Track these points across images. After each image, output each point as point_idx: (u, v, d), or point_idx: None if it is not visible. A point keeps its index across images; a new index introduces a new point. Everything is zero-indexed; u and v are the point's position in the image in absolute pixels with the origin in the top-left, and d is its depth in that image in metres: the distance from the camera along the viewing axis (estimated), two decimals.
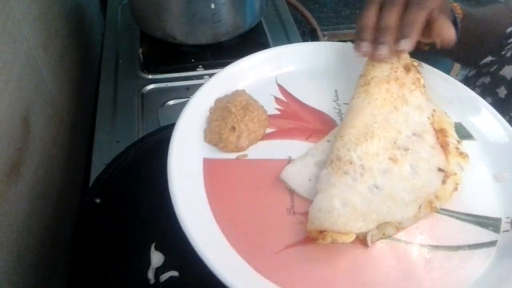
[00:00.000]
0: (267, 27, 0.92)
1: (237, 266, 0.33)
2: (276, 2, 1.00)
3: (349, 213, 0.35)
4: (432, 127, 0.42)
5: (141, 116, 0.71)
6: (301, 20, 1.01)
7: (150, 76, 0.79)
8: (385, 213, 0.35)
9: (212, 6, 0.73)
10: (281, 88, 0.50)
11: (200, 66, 0.80)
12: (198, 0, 0.73)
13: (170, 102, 0.74)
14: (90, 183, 0.52)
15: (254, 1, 0.80)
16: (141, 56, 0.83)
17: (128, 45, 0.86)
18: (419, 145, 0.40)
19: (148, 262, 0.42)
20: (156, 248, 0.43)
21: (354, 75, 0.48)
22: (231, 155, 0.42)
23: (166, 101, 0.74)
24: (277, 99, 0.48)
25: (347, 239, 0.34)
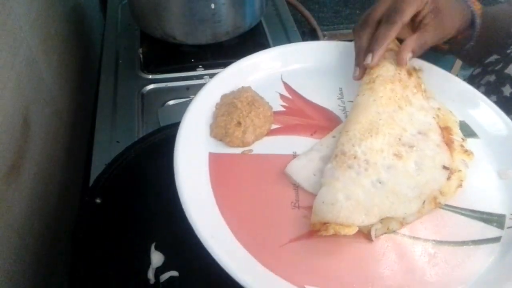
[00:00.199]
0: (267, 27, 0.92)
1: (242, 259, 0.34)
2: (276, 2, 1.00)
3: (352, 206, 0.35)
4: (438, 126, 0.42)
5: (141, 116, 0.71)
6: (301, 20, 1.01)
7: (150, 76, 0.79)
8: (387, 208, 0.36)
9: (212, 6, 0.73)
10: (286, 86, 0.50)
11: (200, 66, 0.80)
12: (198, 0, 0.73)
13: (170, 102, 0.74)
14: (90, 183, 0.52)
15: (254, 1, 0.80)
16: (141, 56, 0.83)
17: (128, 45, 0.86)
18: (424, 143, 0.40)
19: (148, 262, 0.42)
20: (156, 248, 0.43)
21: None
22: (237, 150, 0.43)
23: (166, 101, 0.74)
24: (282, 96, 0.49)
25: (349, 231, 0.34)
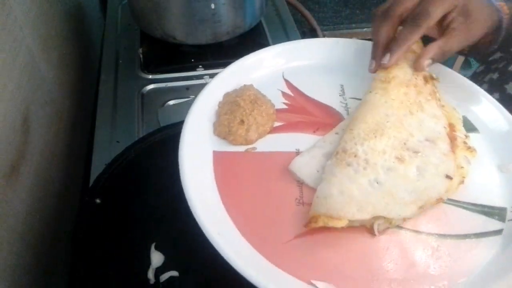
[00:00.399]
0: (267, 27, 0.92)
1: (249, 255, 0.34)
2: (276, 2, 1.00)
3: (344, 201, 0.35)
4: (448, 137, 0.42)
5: (141, 116, 0.71)
6: (301, 20, 1.01)
7: (150, 76, 0.79)
8: (382, 207, 0.36)
9: (212, 6, 0.73)
10: (288, 83, 0.51)
11: (200, 66, 0.80)
12: (198, 0, 0.73)
13: (170, 102, 0.74)
14: (90, 183, 0.52)
15: (254, 1, 0.80)
16: (141, 56, 0.83)
17: (128, 45, 0.86)
18: (430, 150, 0.40)
19: (148, 262, 0.42)
20: (156, 248, 0.43)
21: (360, 70, 0.49)
22: (240, 148, 0.43)
23: (166, 101, 0.74)
24: (284, 94, 0.49)
25: (339, 224, 0.34)
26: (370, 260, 0.35)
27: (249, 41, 0.84)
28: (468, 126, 0.46)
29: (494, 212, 0.39)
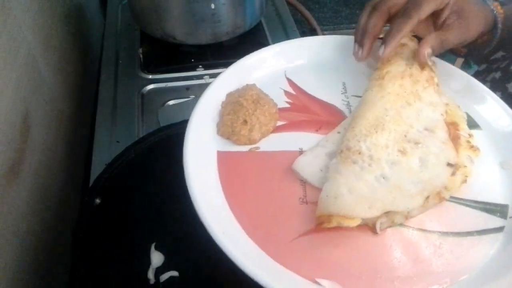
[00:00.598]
0: (267, 27, 0.92)
1: (254, 254, 0.34)
2: (276, 2, 1.00)
3: (355, 200, 0.35)
4: (445, 123, 0.42)
5: (141, 116, 0.71)
6: (301, 20, 1.01)
7: (150, 76, 0.78)
8: (390, 202, 0.36)
9: (212, 6, 0.73)
10: (290, 82, 0.51)
11: (200, 66, 0.80)
12: (198, 0, 0.73)
13: (170, 102, 0.73)
14: (90, 183, 0.52)
15: (254, 1, 0.80)
16: (141, 56, 0.83)
17: (128, 45, 0.86)
18: (430, 139, 0.40)
19: (148, 262, 0.42)
20: (156, 248, 0.43)
21: (361, 68, 0.50)
22: (244, 148, 0.43)
23: (166, 101, 0.74)
24: (286, 93, 0.49)
25: (352, 223, 0.35)
26: (374, 258, 0.35)
27: (249, 41, 0.84)
28: (471, 123, 0.46)
29: (496, 209, 0.39)
